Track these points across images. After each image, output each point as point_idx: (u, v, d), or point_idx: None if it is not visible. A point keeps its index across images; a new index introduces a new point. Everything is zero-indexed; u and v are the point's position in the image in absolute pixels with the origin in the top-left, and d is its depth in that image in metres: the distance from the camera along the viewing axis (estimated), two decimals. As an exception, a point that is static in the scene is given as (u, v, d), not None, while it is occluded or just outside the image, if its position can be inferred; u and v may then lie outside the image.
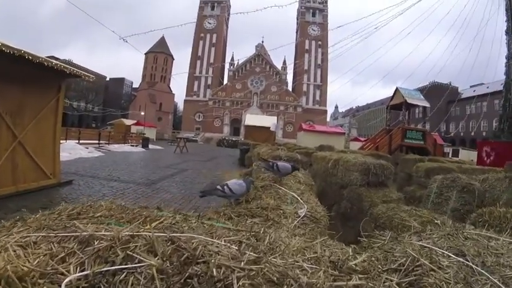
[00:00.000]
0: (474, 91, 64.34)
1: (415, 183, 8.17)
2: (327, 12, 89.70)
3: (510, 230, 2.11)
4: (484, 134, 60.92)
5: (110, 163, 14.17)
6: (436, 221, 3.26)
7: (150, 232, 1.13)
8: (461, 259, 1.34)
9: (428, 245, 1.48)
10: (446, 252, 1.39)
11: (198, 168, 14.99)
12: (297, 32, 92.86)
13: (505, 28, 15.76)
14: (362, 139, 33.97)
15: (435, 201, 5.05)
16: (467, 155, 32.35)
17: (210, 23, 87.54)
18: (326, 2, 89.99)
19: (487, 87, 55.23)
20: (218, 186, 2.45)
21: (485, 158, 14.12)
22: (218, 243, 1.17)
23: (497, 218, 2.43)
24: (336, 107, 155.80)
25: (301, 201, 2.58)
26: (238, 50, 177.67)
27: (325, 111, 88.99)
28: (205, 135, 71.11)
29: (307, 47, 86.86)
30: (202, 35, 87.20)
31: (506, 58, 15.33)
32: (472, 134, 64.72)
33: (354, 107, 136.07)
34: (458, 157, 35.65)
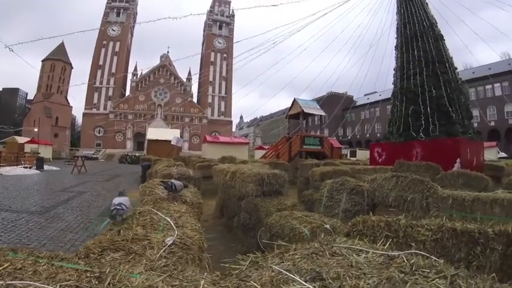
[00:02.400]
0: (368, 99, 70.22)
1: (312, 187, 8.37)
2: (233, 26, 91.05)
3: (384, 238, 2.21)
4: (378, 135, 66.74)
5: (0, 190, 12.63)
6: (325, 226, 3.38)
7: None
8: (317, 286, 1.30)
9: (285, 270, 1.43)
10: (300, 280, 1.33)
11: (97, 189, 13.91)
12: (203, 44, 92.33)
13: (395, 44, 17.38)
14: (266, 147, 34.88)
15: (327, 204, 5.24)
16: (364, 155, 35.68)
17: (114, 30, 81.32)
18: (233, 16, 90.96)
19: (380, 95, 60.57)
20: (117, 206, 2.65)
21: (377, 158, 15.30)
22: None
23: (370, 227, 2.44)
24: (241, 117, 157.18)
25: (174, 227, 2.43)
26: (143, 60, 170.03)
27: (231, 122, 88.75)
28: (107, 152, 64.77)
29: (212, 59, 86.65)
30: (105, 42, 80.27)
31: (394, 70, 17.02)
32: (367, 136, 71.03)
33: (258, 117, 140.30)
34: (356, 157, 38.83)
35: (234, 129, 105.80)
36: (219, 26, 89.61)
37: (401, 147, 13.85)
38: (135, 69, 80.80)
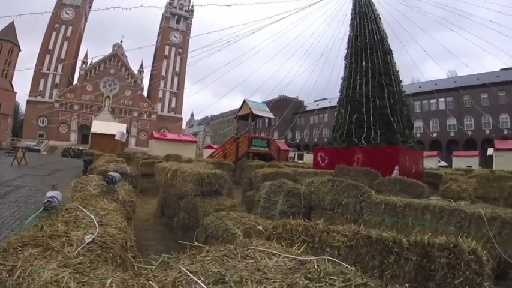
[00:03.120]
0: (318, 104, 71.78)
1: (255, 187, 8.46)
2: (192, 21, 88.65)
3: (300, 243, 2.23)
4: (325, 140, 68.52)
5: None
6: (258, 227, 3.40)
7: None
8: None
9: (191, 272, 1.41)
10: (201, 283, 1.31)
11: (36, 184, 13.04)
12: (158, 36, 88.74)
13: (345, 54, 17.89)
14: (215, 146, 34.77)
15: (264, 205, 5.32)
16: (311, 158, 36.32)
17: (68, 14, 74.80)
18: (192, 11, 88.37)
19: (329, 102, 62.25)
20: (49, 199, 2.70)
21: (320, 162, 15.75)
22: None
23: (289, 230, 2.45)
24: (192, 115, 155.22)
25: (97, 225, 2.39)
26: (95, 48, 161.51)
27: (181, 119, 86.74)
28: (49, 144, 60.52)
29: (166, 52, 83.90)
30: (57, 25, 73.55)
31: (342, 79, 17.49)
32: (315, 140, 72.89)
33: (210, 116, 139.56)
34: (303, 160, 39.79)
35: (184, 126, 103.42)
36: (176, 19, 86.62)
37: (344, 152, 14.33)
38: (85, 56, 75.49)
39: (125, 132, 29.02)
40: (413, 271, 2.09)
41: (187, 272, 1.39)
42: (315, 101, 75.81)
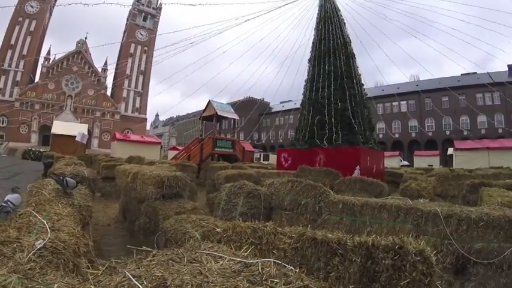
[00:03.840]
0: (283, 106, 72.24)
1: (218, 189, 8.46)
2: (159, 19, 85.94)
3: (249, 245, 2.21)
4: (290, 141, 69.38)
5: None
6: (217, 229, 3.39)
7: None
8: None
9: (134, 277, 1.41)
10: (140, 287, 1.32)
11: None
12: (124, 34, 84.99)
13: (309, 57, 18.17)
14: (180, 148, 34.43)
15: (225, 207, 5.29)
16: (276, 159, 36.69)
17: (32, 7, 70.28)
18: (160, 9, 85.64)
19: (294, 104, 62.95)
20: (3, 203, 2.70)
21: (284, 163, 15.96)
22: None
23: (238, 233, 2.44)
24: (157, 115, 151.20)
25: (48, 230, 2.33)
26: (59, 44, 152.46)
27: (145, 120, 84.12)
28: (9, 145, 55.29)
29: (132, 50, 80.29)
30: (20, 19, 68.97)
31: (305, 82, 17.71)
32: (281, 141, 73.33)
33: (175, 116, 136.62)
34: (268, 161, 40.06)
35: (148, 127, 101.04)
36: (143, 17, 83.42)
37: (306, 153, 14.59)
38: (48, 53, 71.14)
39: (85, 133, 28.15)
40: (358, 273, 2.08)
41: (130, 276, 1.39)
42: (281, 102, 76.38)
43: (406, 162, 44.42)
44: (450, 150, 34.44)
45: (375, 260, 2.06)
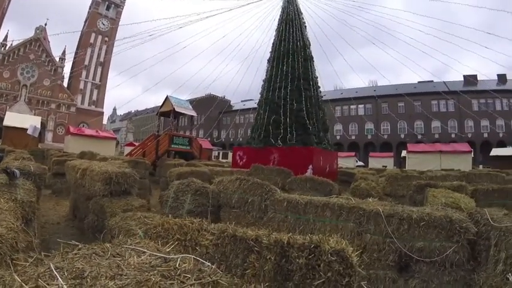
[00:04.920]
0: (244, 105, 72.27)
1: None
2: (122, 9, 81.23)
3: (174, 241, 2.24)
4: (250, 139, 69.93)
5: None
6: (173, 226, 3.44)
7: None
8: (72, 283, 1.33)
9: (56, 268, 1.44)
10: (60, 279, 1.35)
11: None
12: (85, 22, 78.63)
13: (268, 58, 18.38)
14: (137, 144, 33.75)
15: (172, 205, 5.30)
16: None
17: None
18: None
19: (255, 102, 62.89)
20: None
21: (239, 161, 16.06)
22: None
23: (166, 229, 2.47)
24: (115, 109, 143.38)
25: None
26: (18, 30, 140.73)
27: (102, 113, 79.57)
28: None
29: (92, 40, 75.36)
30: None
31: (263, 81, 17.86)
32: (240, 139, 73.34)
33: (133, 111, 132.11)
34: (227, 159, 40.01)
35: (105, 121, 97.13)
36: (107, 5, 78.01)
37: (261, 152, 14.77)
38: (5, 38, 65.46)
39: (38, 126, 26.87)
40: (273, 271, 2.10)
41: (53, 268, 1.44)
42: (242, 101, 76.41)
43: (361, 163, 45.83)
44: (404, 153, 35.79)
45: (289, 259, 2.10)
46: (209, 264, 1.65)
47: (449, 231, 3.53)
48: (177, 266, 1.54)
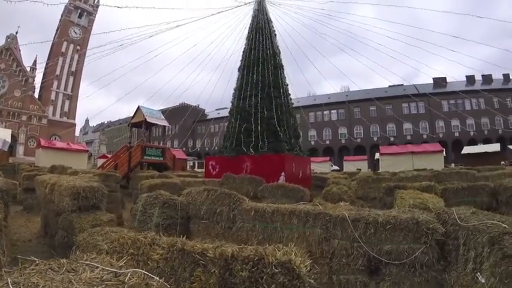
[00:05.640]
0: (219, 113, 72.20)
1: (143, 200, 8.37)
2: (95, 17, 78.91)
3: (129, 256, 2.28)
4: (226, 148, 69.85)
5: None
6: (127, 241, 3.47)
7: None
8: None
9: (13, 284, 1.47)
10: None
11: None
12: (57, 31, 76.04)
13: (239, 66, 18.45)
14: (110, 156, 33.22)
15: (141, 219, 5.25)
16: None
17: None
18: (97, 7, 78.62)
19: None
20: None
21: (212, 171, 16.00)
22: None
23: (121, 244, 2.50)
24: (87, 121, 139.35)
25: None
26: None
27: (74, 125, 76.91)
28: None
29: (63, 49, 72.66)
30: None
31: (234, 90, 17.94)
32: (216, 148, 72.96)
33: (106, 122, 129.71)
34: (203, 168, 39.85)
35: (77, 133, 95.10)
36: (79, 14, 75.56)
37: (233, 161, 14.79)
38: None
39: (8, 139, 26.14)
40: (217, 284, 2.10)
41: (9, 283, 1.47)
42: (216, 109, 76.18)
43: (336, 167, 46.66)
44: (377, 155, 36.53)
45: (232, 272, 2.09)
46: (157, 278, 1.69)
47: (416, 232, 3.58)
48: (125, 280, 1.57)
